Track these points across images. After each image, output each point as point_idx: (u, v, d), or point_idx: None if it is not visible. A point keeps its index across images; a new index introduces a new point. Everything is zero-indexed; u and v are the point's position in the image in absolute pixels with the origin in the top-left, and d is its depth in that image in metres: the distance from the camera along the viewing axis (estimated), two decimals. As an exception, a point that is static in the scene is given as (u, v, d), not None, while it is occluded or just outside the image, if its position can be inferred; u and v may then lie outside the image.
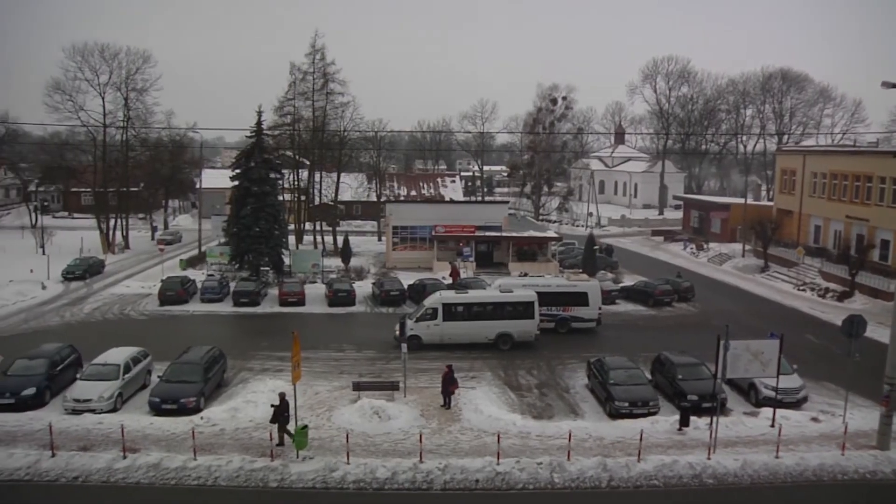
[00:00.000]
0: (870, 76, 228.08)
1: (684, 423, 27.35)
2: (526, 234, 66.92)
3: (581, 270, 57.57)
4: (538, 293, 41.32)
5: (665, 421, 27.99)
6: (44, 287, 56.56)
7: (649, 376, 32.81)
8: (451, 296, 41.65)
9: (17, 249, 75.32)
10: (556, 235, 69.88)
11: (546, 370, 36.31)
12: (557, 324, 43.50)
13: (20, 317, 47.82)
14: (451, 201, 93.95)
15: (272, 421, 25.89)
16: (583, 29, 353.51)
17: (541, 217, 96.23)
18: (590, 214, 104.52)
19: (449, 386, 29.88)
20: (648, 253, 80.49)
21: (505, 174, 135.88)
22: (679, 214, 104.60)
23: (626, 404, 29.30)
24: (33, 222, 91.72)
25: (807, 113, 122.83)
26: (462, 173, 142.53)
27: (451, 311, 39.89)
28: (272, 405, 26.15)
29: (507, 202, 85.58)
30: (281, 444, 25.52)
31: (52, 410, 29.41)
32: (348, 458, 24.03)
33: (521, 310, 40.04)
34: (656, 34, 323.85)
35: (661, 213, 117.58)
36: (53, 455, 24.42)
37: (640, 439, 24.80)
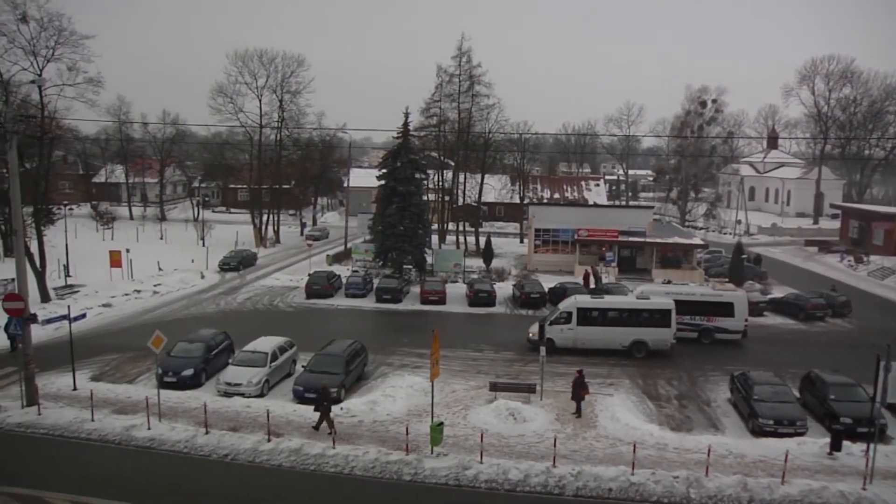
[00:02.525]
0: None
1: (835, 447, 25.69)
2: (671, 240, 65.14)
3: (727, 280, 55.36)
4: (681, 301, 40.29)
5: (813, 443, 26.37)
6: (202, 276, 60.42)
7: (797, 394, 31.18)
8: (586, 300, 41.35)
9: (181, 241, 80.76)
10: (701, 242, 67.53)
11: (687, 381, 35.19)
12: (701, 334, 42.10)
13: (182, 303, 51.27)
14: (595, 205, 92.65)
15: (315, 409, 27.11)
16: (736, 29, 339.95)
17: (686, 223, 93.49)
18: (738, 222, 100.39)
19: (579, 391, 29.47)
20: (800, 264, 76.20)
21: (650, 178, 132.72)
22: (836, 224, 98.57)
23: (771, 422, 27.90)
24: (195, 216, 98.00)
25: None
26: (606, 177, 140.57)
27: (585, 316, 39.41)
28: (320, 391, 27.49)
29: (652, 207, 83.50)
30: (316, 428, 26.85)
31: (206, 391, 31.42)
32: (481, 458, 24.18)
33: (657, 317, 39.10)
34: (817, 32, 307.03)
35: (815, 221, 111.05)
36: (207, 432, 26.11)
37: (786, 461, 23.51)
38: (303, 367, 33.05)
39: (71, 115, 56.02)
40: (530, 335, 39.87)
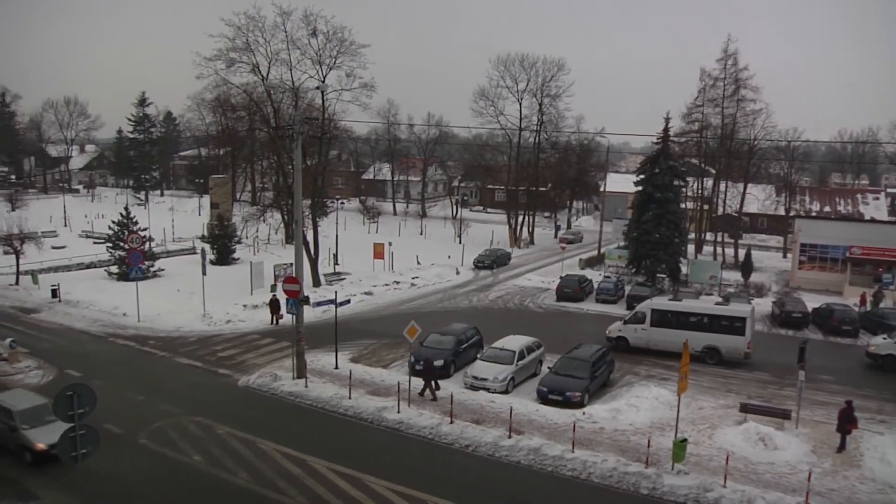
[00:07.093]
0: None
1: None
2: (966, 264, 57.66)
3: None
4: None
5: None
6: (457, 272, 62.95)
7: None
8: (662, 302, 41.80)
9: (439, 237, 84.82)
10: None
11: (980, 428, 30.74)
12: None
13: (437, 296, 53.80)
14: (872, 220, 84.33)
15: (421, 376, 30.44)
16: None
17: None
18: None
19: (846, 424, 26.70)
20: None
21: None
22: None
23: None
24: (453, 213, 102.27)
25: None
26: (888, 189, 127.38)
27: (659, 318, 39.66)
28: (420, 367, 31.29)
29: (944, 225, 74.37)
30: (422, 394, 30.16)
31: (454, 382, 32.66)
32: (725, 481, 22.79)
33: (732, 325, 37.59)
34: None
35: None
36: (452, 422, 27.19)
37: None
38: (549, 368, 33.35)
39: (346, 117, 61.51)
40: (608, 333, 40.59)
